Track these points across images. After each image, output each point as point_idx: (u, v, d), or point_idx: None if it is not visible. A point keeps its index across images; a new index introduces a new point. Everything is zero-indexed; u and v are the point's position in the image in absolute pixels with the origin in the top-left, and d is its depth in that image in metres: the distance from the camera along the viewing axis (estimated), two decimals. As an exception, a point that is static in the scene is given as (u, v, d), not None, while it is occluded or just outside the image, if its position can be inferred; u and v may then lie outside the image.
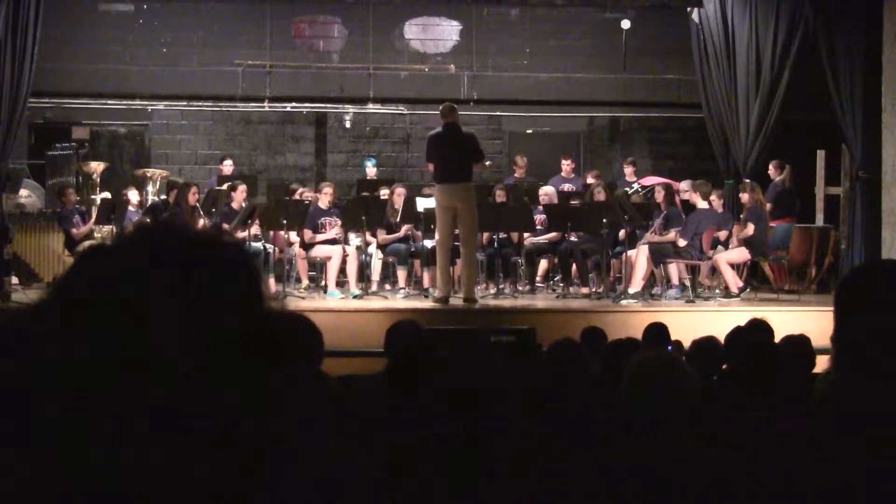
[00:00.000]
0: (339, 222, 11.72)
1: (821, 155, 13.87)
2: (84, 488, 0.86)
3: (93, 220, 12.08)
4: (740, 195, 11.89)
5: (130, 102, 15.36)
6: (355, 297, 11.17)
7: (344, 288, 11.51)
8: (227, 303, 0.93)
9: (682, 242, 11.04)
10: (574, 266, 11.72)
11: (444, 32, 16.04)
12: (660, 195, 11.62)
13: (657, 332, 6.67)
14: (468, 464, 2.50)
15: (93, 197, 12.93)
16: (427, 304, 10.69)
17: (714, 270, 11.72)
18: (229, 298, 0.94)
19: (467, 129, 10.77)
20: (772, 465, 1.84)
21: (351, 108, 15.69)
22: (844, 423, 1.79)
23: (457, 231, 10.45)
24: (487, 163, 11.26)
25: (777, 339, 5.47)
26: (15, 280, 11.03)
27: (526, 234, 12.08)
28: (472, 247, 10.52)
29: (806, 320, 9.10)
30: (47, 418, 0.87)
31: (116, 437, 0.87)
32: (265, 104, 15.52)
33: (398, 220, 11.82)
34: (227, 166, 13.99)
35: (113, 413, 0.87)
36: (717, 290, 11.57)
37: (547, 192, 12.49)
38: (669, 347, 6.31)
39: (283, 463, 0.95)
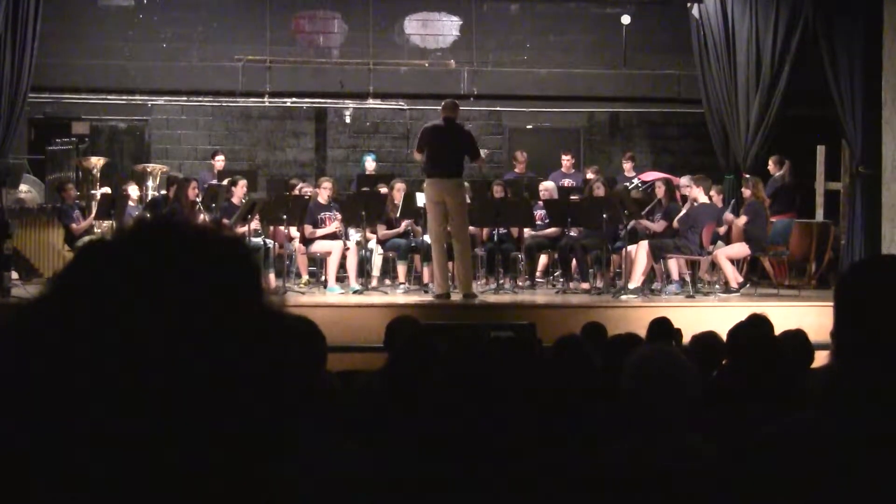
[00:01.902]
0: (339, 216, 11.71)
1: (821, 150, 13.86)
2: (84, 487, 0.86)
3: (93, 215, 12.07)
4: (742, 190, 11.88)
5: (130, 98, 15.35)
6: (355, 292, 11.17)
7: (344, 283, 11.51)
8: (227, 298, 0.93)
9: (660, 224, 11.13)
10: (574, 261, 11.72)
11: (444, 28, 16.02)
12: (660, 190, 11.65)
13: (662, 326, 6.66)
14: (469, 461, 2.50)
15: (93, 192, 12.93)
16: (427, 299, 10.70)
17: (714, 266, 11.72)
18: (229, 294, 0.93)
19: (464, 126, 10.77)
20: (771, 461, 1.84)
21: (351, 104, 15.68)
22: (845, 419, 1.79)
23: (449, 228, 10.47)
24: (484, 153, 11.30)
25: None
26: (15, 275, 11.02)
27: (526, 229, 12.08)
28: (464, 242, 10.47)
29: (806, 315, 9.09)
30: (47, 417, 0.87)
31: (117, 436, 0.86)
32: (265, 99, 15.51)
33: (398, 215, 11.82)
34: (219, 161, 13.96)
35: (113, 411, 0.87)
36: (717, 286, 11.56)
37: (547, 187, 12.50)
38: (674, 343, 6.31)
39: (283, 461, 0.95)
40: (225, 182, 12.35)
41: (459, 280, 10.55)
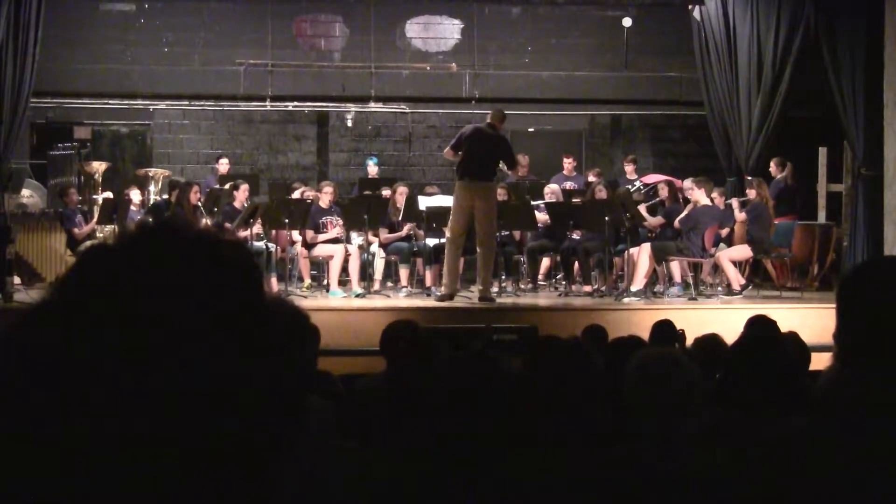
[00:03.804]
0: (341, 222, 11.72)
1: (823, 152, 13.86)
2: (86, 488, 0.86)
3: (95, 219, 12.09)
4: (747, 191, 11.89)
5: (132, 102, 15.36)
6: (357, 296, 11.17)
7: (346, 287, 11.51)
8: (228, 302, 0.93)
9: (658, 220, 11.14)
10: (576, 264, 11.72)
11: (445, 31, 16.03)
12: (664, 191, 11.67)
13: (665, 329, 6.65)
14: (469, 464, 2.50)
15: (95, 197, 12.94)
16: (429, 302, 10.70)
17: (716, 268, 11.71)
18: (230, 298, 0.94)
19: (503, 135, 10.84)
20: (773, 464, 1.84)
21: (353, 107, 15.69)
22: (847, 421, 1.79)
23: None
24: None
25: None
26: (17, 280, 11.03)
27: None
28: (490, 247, 10.53)
29: (808, 318, 9.10)
30: (49, 419, 0.87)
31: (118, 438, 0.87)
32: (267, 103, 15.52)
33: (400, 218, 11.83)
34: (223, 165, 13.99)
35: (114, 413, 0.87)
36: (720, 288, 11.56)
37: (553, 189, 12.51)
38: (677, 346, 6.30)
39: (284, 462, 0.95)
40: (227, 186, 12.37)
41: (481, 283, 10.58)
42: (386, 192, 12.38)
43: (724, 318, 8.90)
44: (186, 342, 0.90)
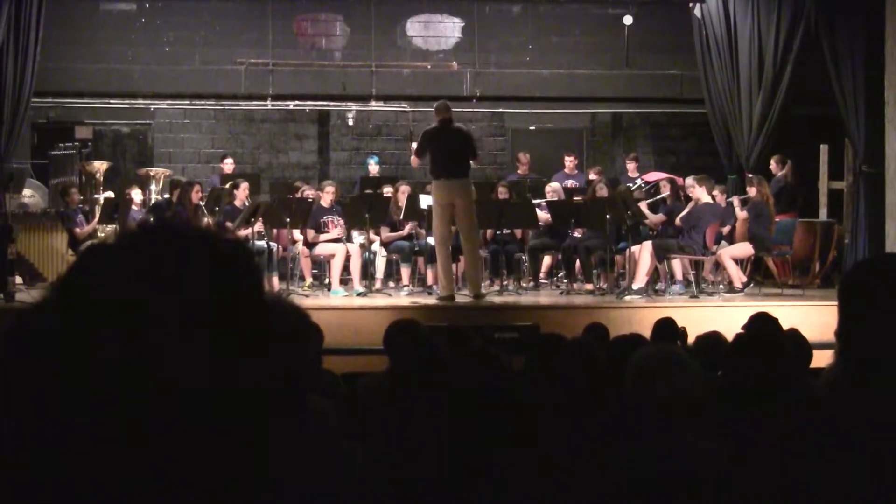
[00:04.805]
0: (342, 221, 11.72)
1: (824, 149, 13.85)
2: (85, 488, 0.86)
3: (96, 219, 12.10)
4: (747, 188, 11.89)
5: (133, 102, 15.36)
6: (359, 294, 11.17)
7: (348, 286, 11.51)
8: (227, 301, 0.93)
9: (659, 216, 11.10)
10: (578, 262, 11.71)
11: (446, 29, 16.02)
12: (666, 188, 11.66)
13: (666, 327, 6.65)
14: (471, 462, 2.50)
15: (96, 196, 12.94)
16: (431, 301, 10.69)
17: (718, 266, 11.71)
18: (230, 296, 0.94)
19: (461, 126, 10.80)
20: (774, 461, 1.84)
21: (353, 106, 15.68)
22: (848, 419, 1.79)
23: (454, 228, 10.47)
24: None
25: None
26: (19, 280, 11.04)
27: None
28: (473, 243, 10.49)
29: (810, 315, 9.09)
30: (49, 418, 0.87)
31: (118, 437, 0.87)
32: (268, 102, 15.52)
33: (401, 217, 11.82)
34: (228, 164, 14.01)
35: (114, 412, 0.87)
36: (721, 286, 11.55)
37: (554, 188, 12.50)
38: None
39: (285, 461, 0.95)
40: (227, 185, 12.38)
41: (470, 281, 10.55)
42: (387, 191, 12.37)
43: (726, 316, 8.90)
44: (187, 341, 0.90)
